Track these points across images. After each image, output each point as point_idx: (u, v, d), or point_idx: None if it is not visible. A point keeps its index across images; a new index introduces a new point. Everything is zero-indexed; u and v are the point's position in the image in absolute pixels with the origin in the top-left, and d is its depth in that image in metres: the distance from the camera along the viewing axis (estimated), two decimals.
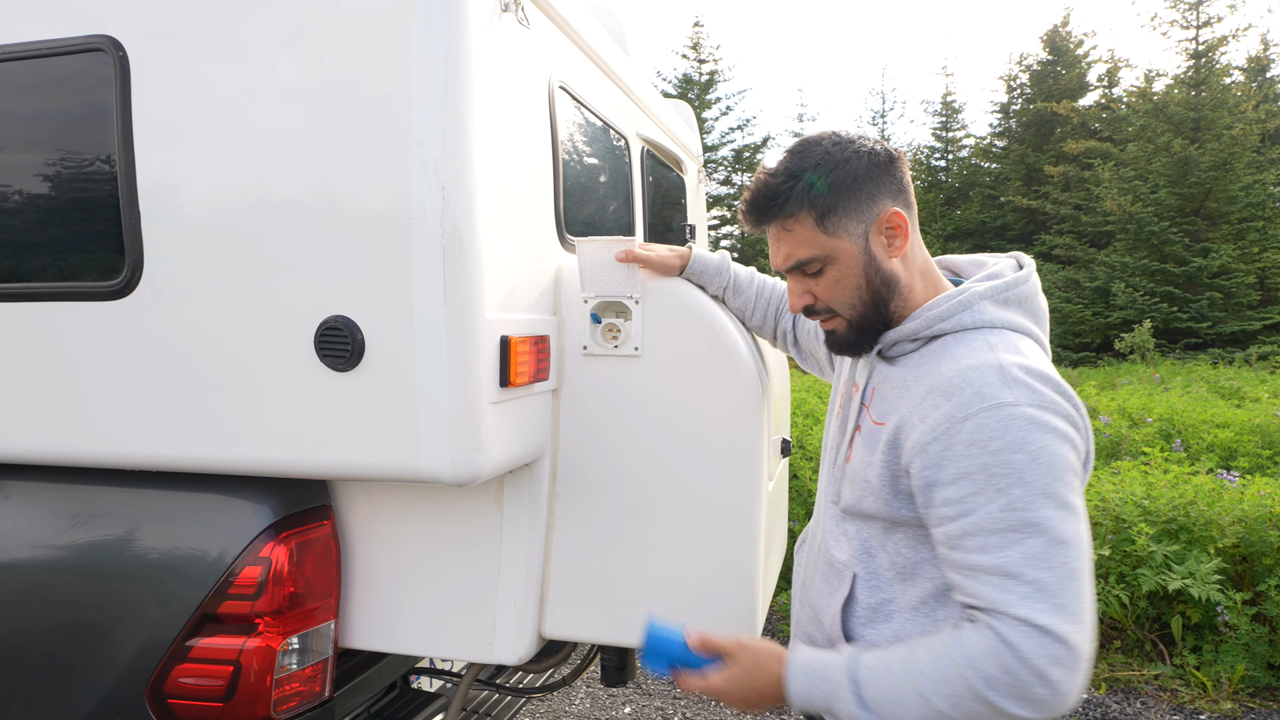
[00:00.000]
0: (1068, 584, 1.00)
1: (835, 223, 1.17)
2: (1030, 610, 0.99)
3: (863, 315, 1.21)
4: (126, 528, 1.63)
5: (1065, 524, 1.01)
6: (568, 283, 1.67)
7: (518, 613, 1.65)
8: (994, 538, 1.02)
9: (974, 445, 1.04)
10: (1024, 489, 1.02)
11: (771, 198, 1.19)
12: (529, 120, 1.61)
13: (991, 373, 1.07)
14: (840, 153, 1.17)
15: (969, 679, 1.00)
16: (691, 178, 3.17)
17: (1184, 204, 15.62)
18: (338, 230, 1.38)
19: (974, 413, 1.05)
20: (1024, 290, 1.21)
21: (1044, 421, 1.04)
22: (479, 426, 1.37)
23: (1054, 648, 0.97)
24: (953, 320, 1.17)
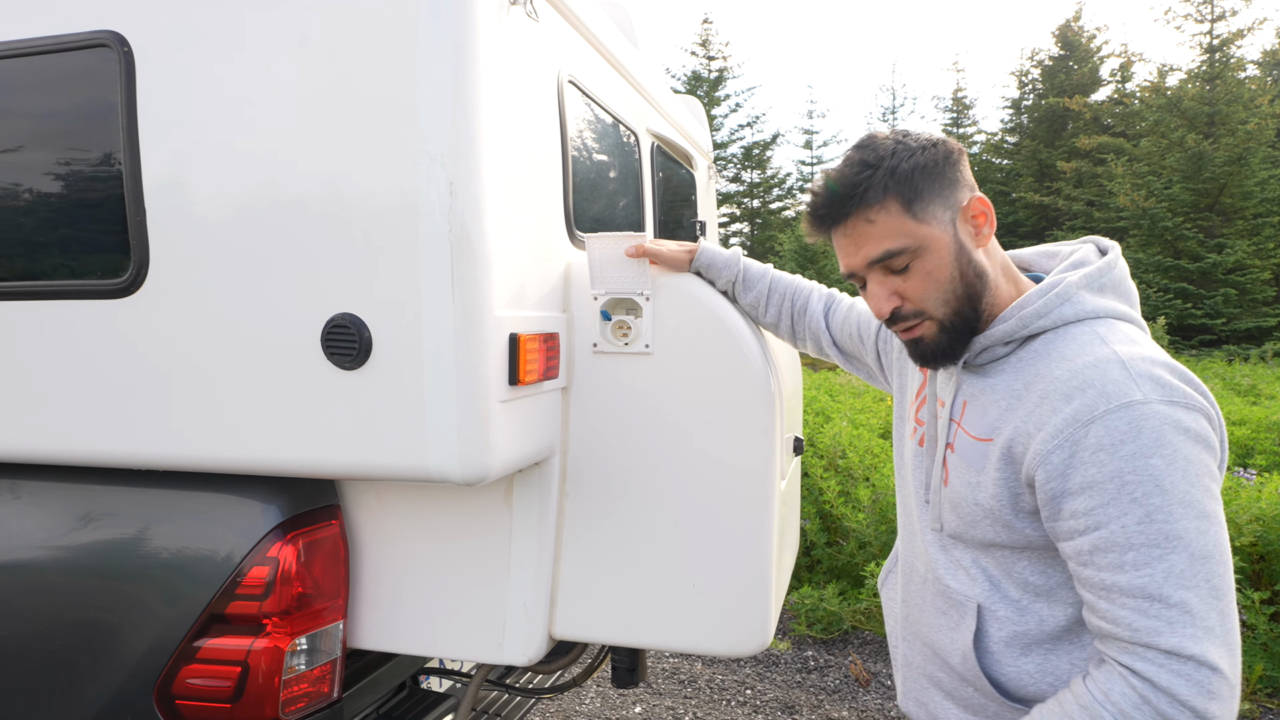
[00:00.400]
0: (1213, 603, 0.92)
1: (924, 208, 1.08)
2: (1178, 639, 0.91)
3: (957, 313, 1.10)
4: (133, 527, 1.62)
5: (1206, 535, 0.93)
6: (577, 279, 1.64)
7: (528, 613, 1.64)
8: (1130, 554, 0.94)
9: (1102, 450, 0.96)
10: (1162, 498, 0.93)
11: (851, 188, 1.08)
12: (538, 115, 1.59)
13: (1114, 368, 0.98)
14: (912, 142, 1.10)
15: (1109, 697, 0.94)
16: (702, 174, 3.14)
17: (1198, 199, 15.49)
18: (344, 227, 1.37)
19: (1100, 414, 0.96)
20: (1116, 275, 1.12)
21: (1178, 420, 0.95)
22: (488, 425, 1.36)
23: (1210, 680, 0.90)
24: (1052, 315, 1.07)
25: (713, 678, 3.75)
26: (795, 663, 3.91)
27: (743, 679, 3.74)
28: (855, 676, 3.74)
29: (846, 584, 4.37)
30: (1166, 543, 0.93)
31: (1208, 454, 0.97)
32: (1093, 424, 0.97)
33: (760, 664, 3.90)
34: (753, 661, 3.92)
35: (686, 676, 3.76)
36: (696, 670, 3.82)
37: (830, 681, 3.73)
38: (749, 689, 3.65)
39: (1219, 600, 0.93)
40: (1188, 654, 0.91)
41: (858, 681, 3.71)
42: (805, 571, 4.56)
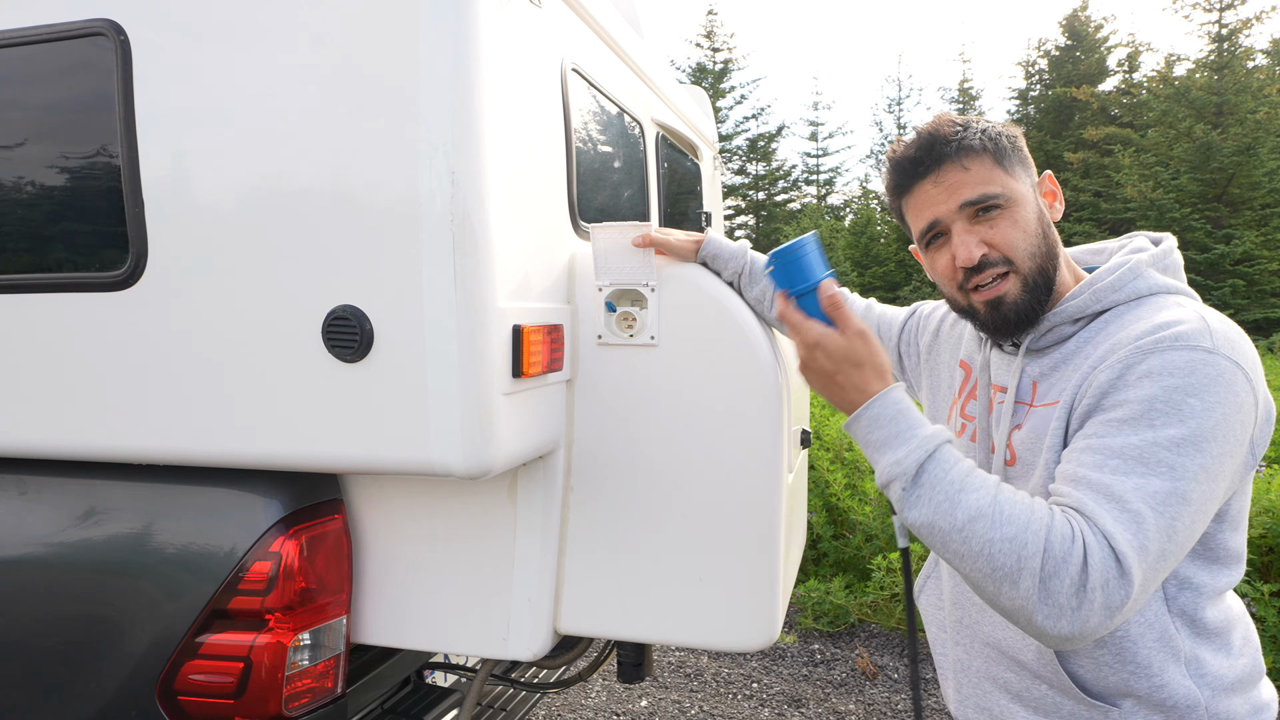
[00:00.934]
0: (1162, 537, 0.90)
1: (1011, 165, 1.12)
2: (1116, 530, 0.90)
3: (1040, 270, 1.10)
4: (136, 523, 1.61)
5: (1200, 486, 0.92)
6: (582, 270, 1.62)
7: (532, 608, 1.62)
8: (1117, 461, 0.93)
9: (1149, 377, 0.95)
10: (1180, 430, 0.92)
11: (948, 138, 1.11)
12: (541, 104, 1.57)
13: (1194, 320, 0.99)
14: (986, 122, 1.15)
15: (1027, 536, 0.91)
16: (707, 165, 3.11)
17: (1206, 190, 15.41)
18: (345, 218, 1.34)
19: (1164, 348, 0.96)
20: (1175, 258, 1.13)
21: (1234, 381, 0.94)
22: (491, 418, 1.34)
23: (1114, 575, 0.88)
24: (1126, 289, 1.08)
25: (719, 671, 3.74)
26: (802, 656, 3.90)
27: (749, 672, 3.73)
28: (862, 670, 3.72)
29: (853, 577, 4.35)
30: (1157, 468, 0.92)
31: (1243, 426, 0.95)
32: (1152, 354, 0.97)
33: (767, 657, 3.89)
34: (759, 655, 3.91)
35: (693, 670, 3.75)
36: (703, 664, 3.81)
37: (837, 675, 3.72)
38: (755, 682, 3.64)
39: (1168, 541, 0.91)
40: (1115, 546, 0.89)
41: (864, 674, 3.70)
42: (812, 565, 4.54)
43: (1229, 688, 1.03)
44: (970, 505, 0.95)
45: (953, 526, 0.95)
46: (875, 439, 1.04)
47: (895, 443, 1.02)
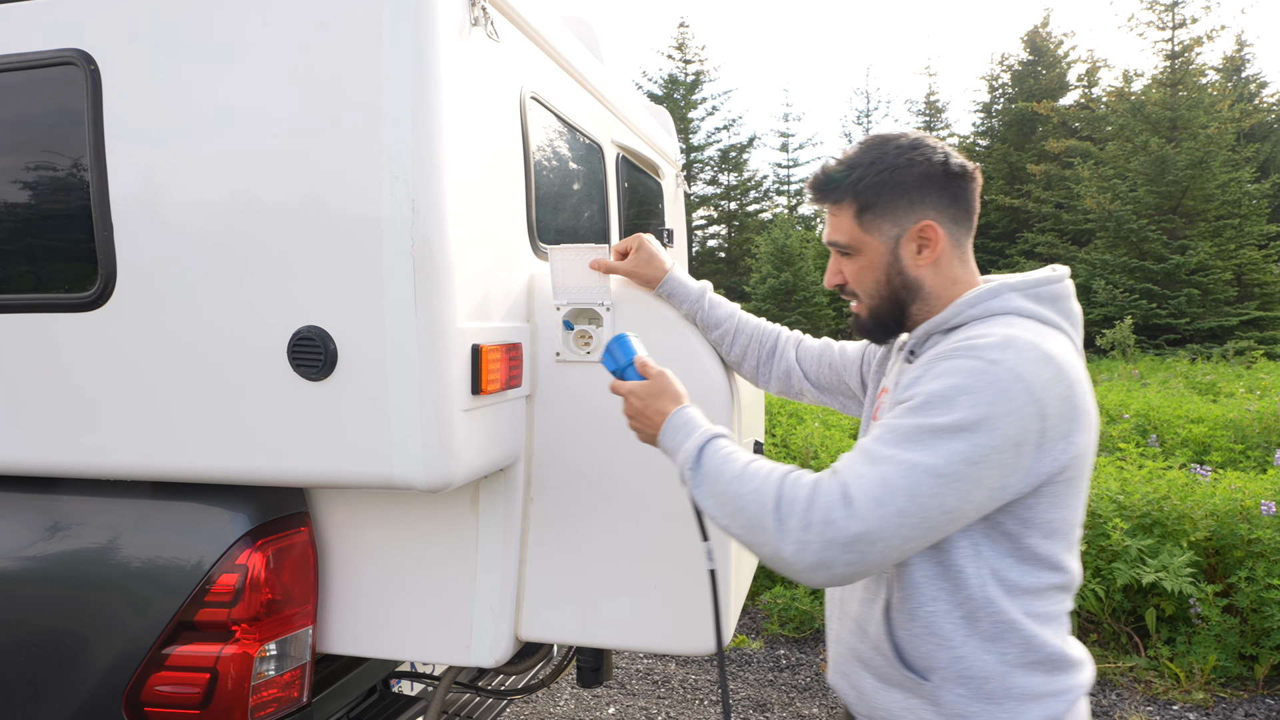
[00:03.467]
0: (902, 497, 1.04)
1: (870, 220, 1.24)
2: (852, 479, 1.06)
3: (879, 308, 1.28)
4: (102, 537, 1.63)
5: (952, 467, 1.04)
6: (540, 290, 1.69)
7: (494, 615, 1.67)
8: (889, 435, 1.09)
9: (940, 377, 1.10)
10: (946, 419, 1.06)
11: (827, 182, 1.28)
12: (500, 131, 1.64)
13: (999, 336, 1.11)
14: (900, 156, 1.23)
15: (767, 485, 1.11)
16: (669, 182, 3.20)
17: (1162, 202, 15.81)
18: (309, 242, 1.40)
19: (958, 355, 1.10)
20: (1056, 289, 1.22)
21: (1011, 390, 1.06)
22: (451, 433, 1.40)
23: (840, 513, 1.04)
24: (980, 307, 1.20)
25: (685, 678, 3.80)
26: (768, 661, 3.98)
27: (715, 678, 3.80)
28: (826, 674, 3.81)
29: None
30: (915, 445, 1.06)
31: (1013, 431, 1.06)
32: (947, 359, 1.11)
33: (733, 663, 3.96)
34: (728, 660, 3.98)
35: (660, 677, 3.81)
36: (670, 670, 3.87)
37: (802, 679, 3.80)
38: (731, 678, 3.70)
39: (910, 502, 1.04)
40: (849, 490, 1.05)
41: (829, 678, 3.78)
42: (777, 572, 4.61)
43: (1027, 666, 1.15)
44: (728, 471, 1.16)
45: (720, 490, 1.16)
46: (671, 444, 1.27)
47: (683, 441, 1.25)
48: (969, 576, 1.14)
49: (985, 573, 1.14)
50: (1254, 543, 3.65)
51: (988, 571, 1.14)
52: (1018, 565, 1.15)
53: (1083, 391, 1.13)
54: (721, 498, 1.16)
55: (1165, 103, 16.32)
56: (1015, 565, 1.15)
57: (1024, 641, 1.14)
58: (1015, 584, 1.15)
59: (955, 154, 1.25)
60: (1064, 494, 1.14)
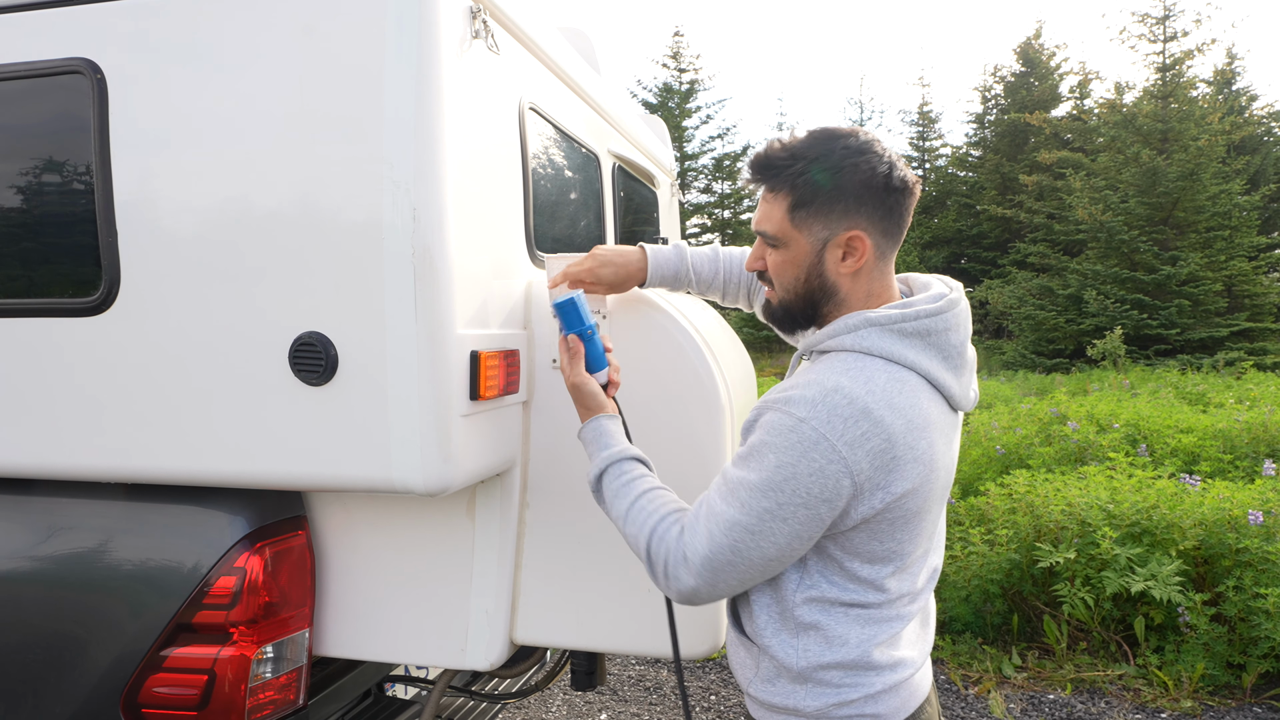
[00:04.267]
0: (726, 552, 1.17)
1: (802, 218, 1.24)
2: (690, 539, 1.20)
3: (791, 304, 1.30)
4: (101, 539, 1.65)
5: (764, 523, 1.15)
6: (538, 298, 1.71)
7: (489, 619, 1.69)
8: (723, 486, 1.21)
9: (760, 428, 1.19)
10: (757, 476, 1.16)
11: (768, 165, 1.26)
12: (499, 141, 1.66)
13: (816, 389, 1.16)
14: (846, 159, 1.20)
15: (641, 535, 1.26)
16: (664, 191, 3.23)
17: (1153, 213, 15.90)
18: (312, 248, 1.43)
19: (773, 408, 1.18)
20: (928, 324, 1.22)
21: (814, 448, 1.13)
22: (449, 438, 1.42)
23: (680, 569, 1.21)
24: (836, 340, 1.23)
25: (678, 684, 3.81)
26: None
27: (707, 685, 3.81)
28: None
29: None
30: (734, 501, 1.17)
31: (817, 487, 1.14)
32: (767, 410, 1.19)
33: (724, 670, 3.97)
34: (716, 668, 3.99)
35: (652, 683, 3.82)
36: (662, 677, 3.88)
37: None
38: (713, 694, 3.72)
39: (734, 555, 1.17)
40: (687, 551, 1.20)
41: None
42: None
43: (826, 663, 1.25)
44: (617, 509, 1.31)
45: (614, 519, 1.32)
46: (586, 454, 1.40)
47: (591, 458, 1.37)
48: (787, 583, 1.26)
49: (803, 583, 1.25)
50: (1242, 552, 3.69)
51: (806, 583, 1.25)
52: (836, 584, 1.24)
53: (908, 440, 1.16)
54: (616, 523, 1.32)
55: (1156, 115, 16.44)
56: (834, 583, 1.24)
57: (823, 643, 1.24)
58: (826, 597, 1.24)
59: (900, 165, 1.23)
60: (885, 530, 1.20)
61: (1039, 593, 4.13)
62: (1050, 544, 3.97)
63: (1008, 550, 4.05)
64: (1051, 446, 5.62)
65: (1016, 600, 4.19)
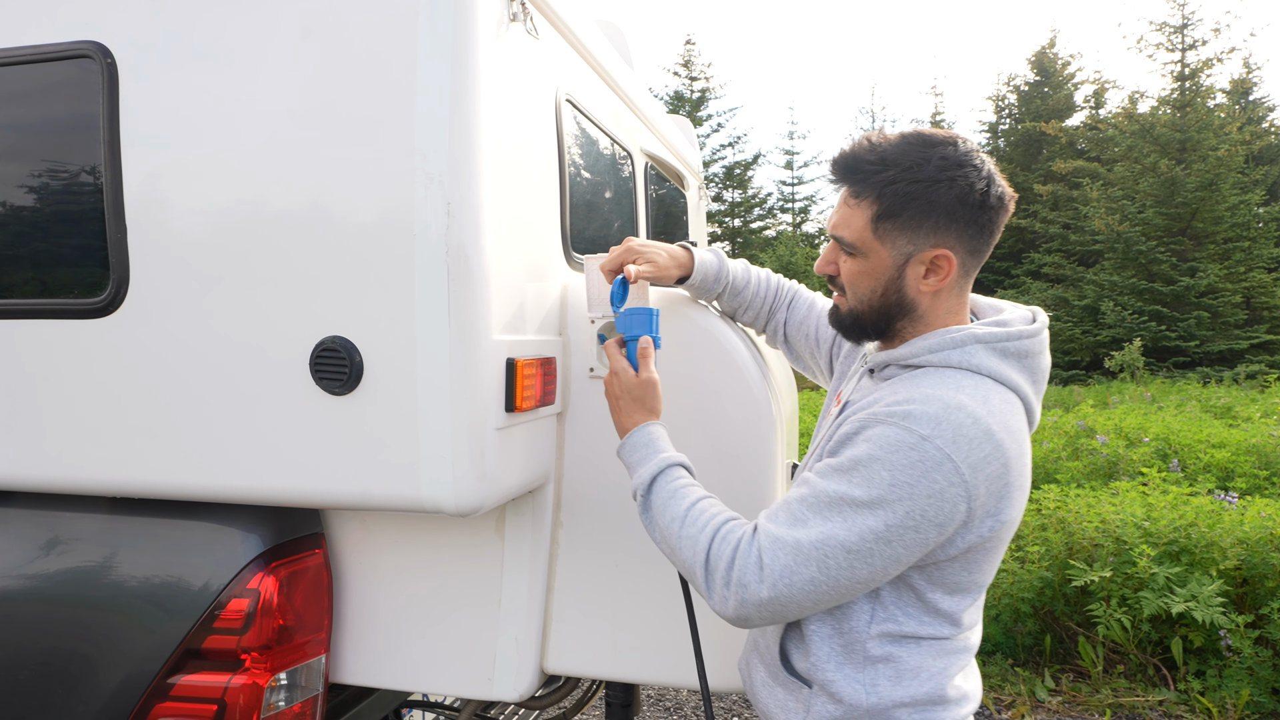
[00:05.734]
0: (812, 568, 1.06)
1: (886, 230, 1.15)
2: (769, 546, 1.08)
3: (864, 314, 1.22)
4: (106, 556, 1.55)
5: (866, 544, 1.05)
6: (574, 302, 1.60)
7: (519, 647, 1.58)
8: (813, 499, 1.09)
9: (867, 441, 1.08)
10: (864, 493, 1.05)
11: (855, 168, 1.17)
12: (536, 133, 1.56)
13: (938, 405, 1.07)
14: (942, 171, 1.12)
15: (700, 536, 1.14)
16: (693, 194, 3.12)
17: (1171, 224, 15.76)
18: (335, 247, 1.32)
19: (888, 421, 1.07)
20: (1026, 345, 1.17)
21: (936, 469, 1.04)
22: (483, 454, 1.31)
23: (753, 579, 1.08)
24: (940, 355, 1.15)
25: (699, 704, 3.68)
26: None
27: (730, 704, 3.69)
28: None
29: None
30: (834, 517, 1.07)
31: (933, 511, 1.05)
32: (878, 424, 1.08)
33: None
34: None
35: (673, 703, 3.70)
36: (683, 697, 3.76)
37: None
38: (736, 716, 3.59)
39: (820, 573, 1.06)
40: (765, 559, 1.08)
41: None
42: None
43: (895, 701, 1.15)
44: (672, 510, 1.19)
45: (663, 525, 1.20)
46: (631, 460, 1.29)
47: (641, 463, 1.26)
48: (858, 615, 1.16)
49: (876, 615, 1.15)
50: None
51: (880, 615, 1.15)
52: (913, 616, 1.16)
53: (1019, 466, 1.11)
54: (663, 534, 1.20)
55: (1174, 124, 16.31)
56: (911, 615, 1.15)
57: (894, 678, 1.15)
58: (902, 631, 1.15)
59: (998, 179, 1.16)
60: (981, 560, 1.14)
61: (1072, 612, 3.99)
62: (1084, 562, 3.84)
63: (1039, 568, 3.93)
64: (1080, 461, 5.49)
65: (1048, 620, 4.05)
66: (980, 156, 1.15)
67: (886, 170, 1.13)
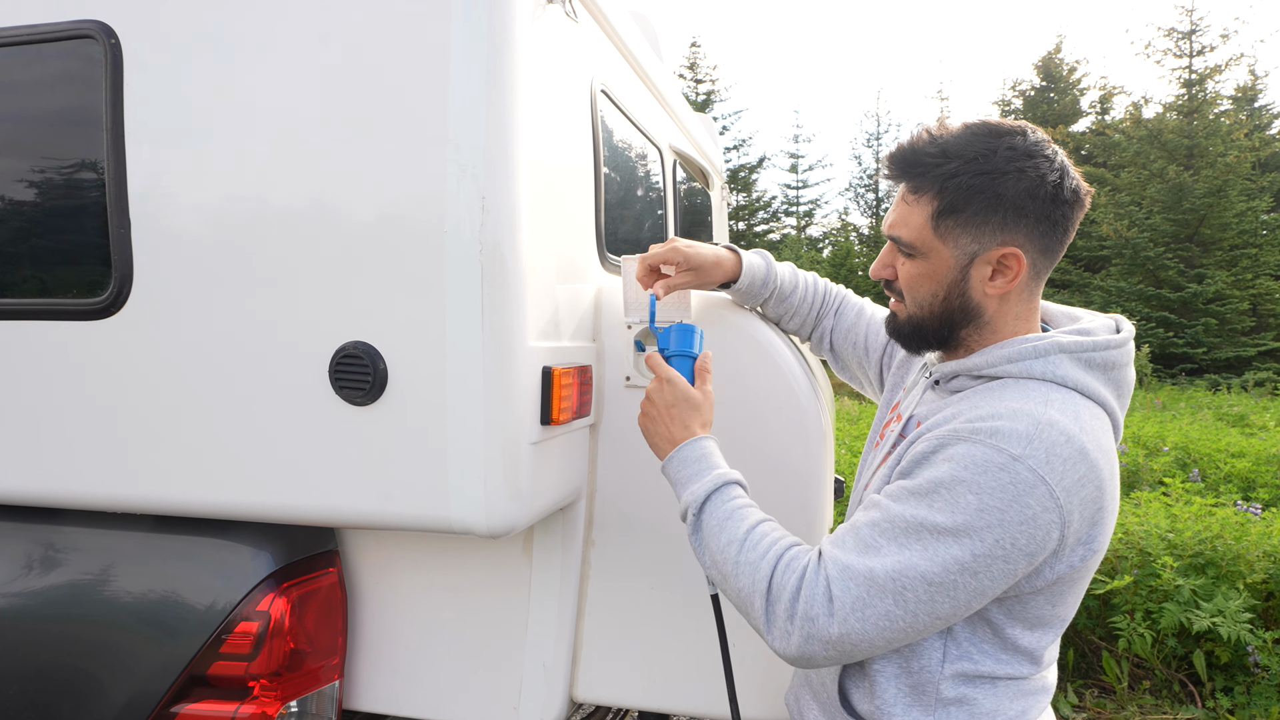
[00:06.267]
0: (888, 601, 0.96)
1: (948, 227, 1.06)
2: (839, 577, 0.97)
3: (924, 321, 1.13)
4: (106, 575, 1.44)
5: (949, 576, 0.95)
6: (609, 306, 1.50)
7: (547, 674, 1.48)
8: (887, 524, 0.99)
9: (949, 461, 0.98)
10: (948, 519, 0.95)
11: (914, 162, 1.08)
12: (572, 125, 1.45)
13: (1028, 421, 0.97)
14: (1010, 163, 1.03)
15: (761, 564, 1.03)
16: (716, 193, 3.03)
17: (1179, 230, 15.67)
18: (358, 245, 1.21)
19: (974, 439, 0.97)
20: (1113, 355, 1.07)
21: (1029, 492, 0.94)
22: (518, 471, 1.20)
23: (822, 612, 0.97)
24: (1021, 365, 1.05)
25: None
26: None
27: None
28: None
29: None
30: (913, 545, 0.96)
31: (1024, 539, 0.95)
32: (962, 441, 0.98)
33: None
34: None
35: None
36: None
37: None
38: None
39: (897, 607, 0.96)
40: (835, 590, 0.97)
41: None
42: None
43: None
44: (729, 532, 1.08)
45: (717, 549, 1.09)
46: (682, 475, 1.17)
47: (694, 479, 1.15)
48: (929, 652, 1.06)
49: (950, 654, 1.06)
50: None
51: (954, 653, 1.06)
52: (990, 654, 1.06)
53: (1111, 489, 1.02)
54: (717, 558, 1.09)
55: (1182, 130, 16.22)
56: (987, 653, 1.06)
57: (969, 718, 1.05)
58: (977, 670, 1.06)
59: (1072, 172, 1.06)
60: (1066, 592, 1.05)
61: (1095, 625, 3.89)
62: (1107, 574, 3.74)
63: None
64: None
65: (1072, 633, 3.94)
66: (1052, 147, 1.06)
67: (949, 162, 1.04)
